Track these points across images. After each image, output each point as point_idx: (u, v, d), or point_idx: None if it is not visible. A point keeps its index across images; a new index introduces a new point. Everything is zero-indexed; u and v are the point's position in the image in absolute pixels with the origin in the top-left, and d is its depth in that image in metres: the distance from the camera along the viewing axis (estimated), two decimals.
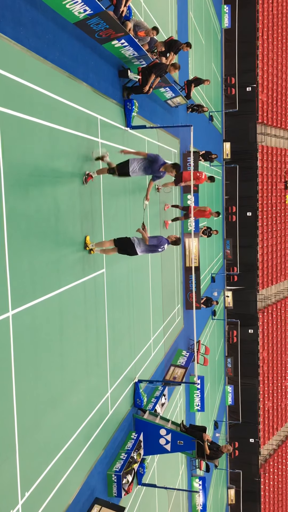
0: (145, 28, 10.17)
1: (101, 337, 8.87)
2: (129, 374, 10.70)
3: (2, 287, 5.49)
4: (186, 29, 19.36)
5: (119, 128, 10.14)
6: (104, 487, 8.95)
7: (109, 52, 9.36)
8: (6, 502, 5.54)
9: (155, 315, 13.47)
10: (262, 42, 33.77)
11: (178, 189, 16.85)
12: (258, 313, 34.47)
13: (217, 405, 29.58)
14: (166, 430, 10.83)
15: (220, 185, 32.45)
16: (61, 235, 7.07)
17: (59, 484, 6.90)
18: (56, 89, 6.97)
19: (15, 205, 5.76)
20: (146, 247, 8.71)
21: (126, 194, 10.63)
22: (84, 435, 7.91)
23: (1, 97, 5.50)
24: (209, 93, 26.74)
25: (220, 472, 30.52)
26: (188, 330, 18.51)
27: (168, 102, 15.17)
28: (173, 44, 11.73)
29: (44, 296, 6.49)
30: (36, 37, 6.41)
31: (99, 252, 8.62)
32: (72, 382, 7.43)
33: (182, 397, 17.60)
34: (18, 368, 5.76)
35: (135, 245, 8.53)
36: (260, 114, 33.72)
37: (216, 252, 29.93)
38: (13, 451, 5.65)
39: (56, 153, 6.95)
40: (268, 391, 35.28)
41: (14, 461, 5.68)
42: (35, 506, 6.19)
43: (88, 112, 8.28)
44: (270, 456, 35.50)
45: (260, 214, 34.04)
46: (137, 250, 8.59)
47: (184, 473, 18.06)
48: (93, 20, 7.66)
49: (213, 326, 28.21)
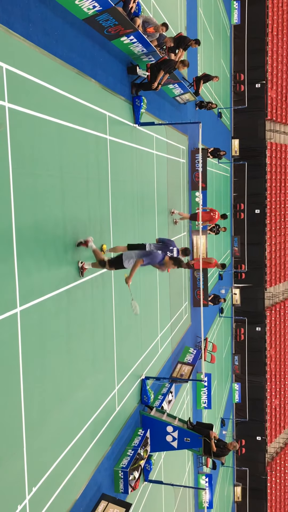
0: (154, 24, 10.13)
1: (108, 334, 8.88)
2: (136, 371, 10.71)
3: (10, 283, 5.51)
4: (195, 25, 19.27)
5: (127, 125, 10.12)
6: (111, 483, 8.97)
7: (118, 49, 9.33)
8: (13, 497, 5.58)
9: (163, 312, 13.47)
10: (272, 38, 33.52)
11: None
12: (266, 310, 34.35)
13: (224, 403, 29.55)
14: (173, 427, 10.84)
15: (228, 182, 32.34)
16: (69, 233, 7.08)
17: (66, 479, 6.93)
18: (65, 86, 6.97)
19: (24, 202, 5.77)
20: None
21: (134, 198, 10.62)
22: (91, 431, 7.94)
23: (9, 93, 5.51)
24: (218, 89, 26.62)
25: (226, 469, 30.52)
26: (195, 328, 18.49)
27: (176, 99, 15.12)
28: (182, 40, 11.68)
29: (52, 292, 6.51)
30: (45, 33, 6.40)
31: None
32: (79, 378, 7.45)
33: (189, 394, 17.60)
34: (26, 364, 5.78)
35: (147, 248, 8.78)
36: (269, 111, 33.51)
37: (224, 250, 29.85)
38: (20, 446, 5.68)
39: (64, 150, 6.95)
40: (275, 389, 35.18)
41: (22, 457, 5.71)
42: (42, 501, 6.22)
43: (96, 109, 8.27)
44: (276, 454, 35.43)
45: (268, 212, 33.87)
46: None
47: (191, 470, 18.08)
48: (102, 17, 7.65)
49: (220, 323, 28.17)
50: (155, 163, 12.54)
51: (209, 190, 21.16)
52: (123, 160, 9.84)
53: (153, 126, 11.81)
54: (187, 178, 17.07)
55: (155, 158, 12.54)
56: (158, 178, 12.82)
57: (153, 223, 12.36)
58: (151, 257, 7.65)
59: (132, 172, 10.46)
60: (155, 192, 12.53)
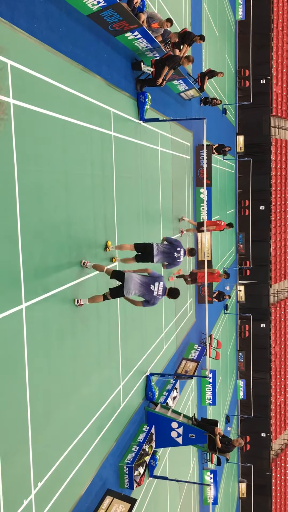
0: (158, 20, 10.10)
1: (113, 330, 8.90)
2: (141, 367, 10.73)
3: (15, 279, 5.52)
4: (200, 21, 19.18)
5: (132, 121, 10.10)
6: (116, 478, 9.01)
7: (122, 45, 9.31)
8: (19, 492, 5.61)
9: (167, 309, 13.47)
10: (277, 34, 33.32)
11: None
12: (271, 307, 34.29)
13: (229, 399, 29.57)
14: (177, 423, 10.85)
15: (233, 179, 32.25)
16: (74, 230, 7.09)
17: (71, 475, 6.96)
18: (69, 82, 6.96)
19: (29, 198, 5.78)
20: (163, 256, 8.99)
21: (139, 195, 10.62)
22: (96, 427, 7.96)
23: (14, 89, 5.51)
24: (223, 85, 26.52)
25: (231, 465, 30.56)
26: (200, 324, 18.48)
27: (181, 95, 15.08)
28: (186, 36, 11.63)
29: (57, 289, 6.52)
30: (50, 29, 6.39)
31: (120, 260, 8.92)
32: (84, 374, 7.47)
33: (193, 390, 17.62)
34: (31, 360, 5.80)
35: (154, 251, 8.73)
36: (274, 107, 33.35)
37: (229, 246, 29.80)
38: (26, 442, 5.71)
39: (69, 146, 6.95)
40: (280, 385, 35.14)
41: (27, 452, 5.74)
42: (48, 496, 6.25)
43: (101, 105, 8.26)
44: (281, 450, 35.43)
45: (273, 208, 33.75)
46: (154, 259, 8.88)
47: (196, 466, 18.11)
48: (107, 12, 7.63)
49: (225, 320, 28.15)
50: (160, 159, 12.52)
51: (213, 186, 21.11)
52: (128, 157, 9.83)
53: (157, 122, 11.78)
54: (191, 175, 17.04)
55: (160, 155, 12.52)
56: (163, 175, 12.81)
57: (158, 219, 12.35)
58: (151, 294, 7.58)
59: (136, 168, 10.45)
60: (160, 188, 12.52)
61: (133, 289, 7.41)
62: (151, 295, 7.55)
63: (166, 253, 9.00)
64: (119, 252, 8.99)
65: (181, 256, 9.15)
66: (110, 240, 8.55)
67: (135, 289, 7.43)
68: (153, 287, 7.53)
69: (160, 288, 7.61)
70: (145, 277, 7.62)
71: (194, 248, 9.76)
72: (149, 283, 7.52)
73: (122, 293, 7.41)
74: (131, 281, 7.37)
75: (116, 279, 7.50)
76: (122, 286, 7.38)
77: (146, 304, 7.68)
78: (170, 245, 9.12)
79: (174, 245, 9.14)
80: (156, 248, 8.87)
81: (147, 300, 7.63)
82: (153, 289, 7.53)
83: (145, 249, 8.86)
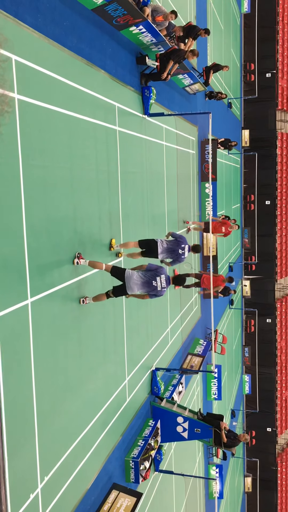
0: (163, 13, 10.04)
1: (118, 325, 8.91)
2: (147, 362, 10.75)
3: (21, 274, 5.53)
4: (205, 14, 19.06)
5: (137, 116, 10.07)
6: (122, 473, 9.04)
7: (127, 39, 9.27)
8: (26, 486, 5.64)
9: (173, 304, 13.47)
10: (282, 27, 33.07)
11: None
12: (276, 302, 34.22)
13: (234, 394, 29.58)
14: (183, 418, 10.87)
15: (238, 173, 32.12)
16: (79, 225, 7.09)
17: (77, 469, 6.99)
18: (74, 76, 6.94)
19: (34, 193, 5.78)
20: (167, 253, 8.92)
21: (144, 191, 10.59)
22: (102, 422, 7.99)
23: (19, 84, 5.50)
24: (228, 79, 26.38)
25: (237, 460, 30.61)
26: (205, 319, 18.48)
27: (186, 89, 15.01)
28: (191, 30, 11.56)
29: (62, 284, 6.53)
30: (54, 24, 6.37)
31: (126, 256, 8.81)
32: (90, 369, 7.49)
33: (199, 385, 17.64)
34: (37, 355, 5.82)
35: (159, 245, 8.71)
36: (280, 101, 33.14)
37: (234, 241, 29.72)
38: (32, 436, 5.74)
39: (73, 141, 6.94)
40: (286, 380, 35.12)
41: (34, 446, 5.77)
42: (54, 490, 6.29)
43: (105, 100, 8.23)
44: (287, 445, 35.45)
45: (279, 203, 33.61)
46: (159, 256, 8.82)
47: (201, 460, 18.16)
48: (111, 6, 7.59)
49: (230, 315, 28.12)
50: (165, 154, 12.48)
51: (219, 181, 21.03)
52: (133, 152, 9.81)
53: (162, 117, 11.74)
54: (196, 169, 16.98)
55: (165, 149, 12.48)
56: (168, 170, 12.77)
57: (163, 215, 12.33)
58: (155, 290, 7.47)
59: (141, 163, 10.42)
60: (165, 183, 12.49)
61: (136, 288, 7.33)
62: (155, 290, 7.48)
63: (170, 249, 8.93)
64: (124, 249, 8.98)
65: (185, 252, 9.07)
66: (114, 238, 8.51)
67: (138, 288, 7.35)
68: (155, 282, 7.42)
69: (163, 280, 7.49)
70: (145, 274, 7.45)
71: (199, 245, 9.66)
72: (150, 280, 7.39)
73: (125, 292, 7.35)
74: (132, 281, 7.28)
75: (116, 277, 7.38)
76: (124, 285, 7.31)
77: (152, 296, 7.63)
78: (175, 241, 9.05)
79: (179, 242, 9.05)
80: (160, 245, 8.82)
81: (153, 294, 7.59)
82: (156, 285, 7.42)
83: (149, 245, 8.81)
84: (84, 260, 7.00)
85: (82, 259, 6.98)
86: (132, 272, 7.41)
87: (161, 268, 7.57)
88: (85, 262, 7.02)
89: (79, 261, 6.90)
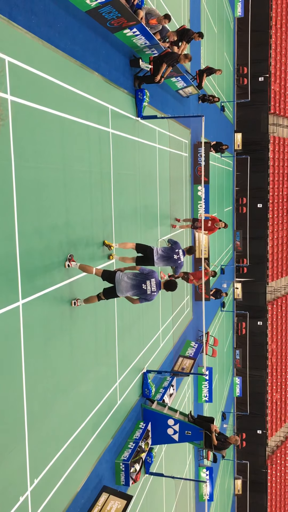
0: (156, 16, 10.06)
1: (110, 327, 8.90)
2: (138, 364, 10.74)
3: (12, 276, 5.52)
4: (199, 18, 19.14)
5: (130, 118, 10.09)
6: (112, 475, 9.03)
7: (121, 41, 9.29)
8: (15, 489, 5.62)
9: (164, 306, 13.48)
10: (275, 32, 33.28)
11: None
12: (267, 305, 34.36)
13: (225, 396, 29.64)
14: (174, 420, 10.88)
15: (230, 176, 32.24)
16: (72, 226, 7.08)
17: (67, 471, 6.98)
18: (67, 78, 6.94)
19: (26, 195, 5.77)
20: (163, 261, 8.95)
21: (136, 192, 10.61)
22: (93, 424, 7.97)
23: (12, 86, 5.49)
24: (221, 83, 26.49)
25: (227, 462, 30.66)
26: (197, 322, 18.51)
27: (179, 92, 15.05)
28: (185, 33, 11.60)
29: (54, 286, 6.52)
30: (48, 25, 6.37)
31: (119, 259, 8.83)
32: (81, 371, 7.47)
33: (190, 388, 17.66)
34: (28, 357, 5.80)
35: (154, 253, 8.75)
36: (272, 105, 33.34)
37: (226, 244, 29.82)
38: (22, 438, 5.72)
39: (66, 143, 6.94)
40: (276, 383, 35.26)
41: (24, 449, 5.75)
42: (44, 492, 6.26)
43: (98, 102, 8.24)
44: (277, 447, 35.57)
45: (271, 206, 33.78)
46: (154, 263, 8.84)
47: (192, 463, 18.17)
48: (105, 9, 7.60)
49: (222, 317, 28.19)
50: (158, 156, 12.51)
51: (211, 184, 21.11)
52: (126, 154, 9.82)
53: (155, 119, 11.76)
54: (189, 172, 17.03)
55: (158, 152, 12.51)
56: (161, 172, 12.80)
57: (156, 216, 12.34)
58: (144, 293, 7.46)
59: (134, 165, 10.44)
60: (158, 186, 12.51)
61: (125, 291, 7.32)
62: (145, 294, 7.44)
63: (165, 257, 8.97)
64: (117, 250, 8.98)
65: (181, 257, 9.13)
66: (106, 240, 8.52)
67: (127, 290, 7.34)
68: (145, 285, 7.38)
69: (153, 284, 7.44)
70: (135, 277, 7.44)
71: (192, 247, 9.72)
72: (140, 283, 7.37)
73: (115, 295, 7.33)
74: (122, 283, 7.27)
75: (107, 281, 7.36)
76: (114, 287, 7.29)
77: (142, 300, 7.62)
78: (169, 248, 9.09)
79: (173, 248, 9.11)
80: (156, 253, 8.87)
81: (143, 298, 7.59)
82: (145, 288, 7.38)
83: (145, 251, 8.87)
84: (75, 263, 6.97)
85: (73, 262, 6.95)
86: (123, 274, 7.40)
87: (152, 272, 7.55)
88: (76, 265, 6.98)
89: (70, 263, 6.88)
